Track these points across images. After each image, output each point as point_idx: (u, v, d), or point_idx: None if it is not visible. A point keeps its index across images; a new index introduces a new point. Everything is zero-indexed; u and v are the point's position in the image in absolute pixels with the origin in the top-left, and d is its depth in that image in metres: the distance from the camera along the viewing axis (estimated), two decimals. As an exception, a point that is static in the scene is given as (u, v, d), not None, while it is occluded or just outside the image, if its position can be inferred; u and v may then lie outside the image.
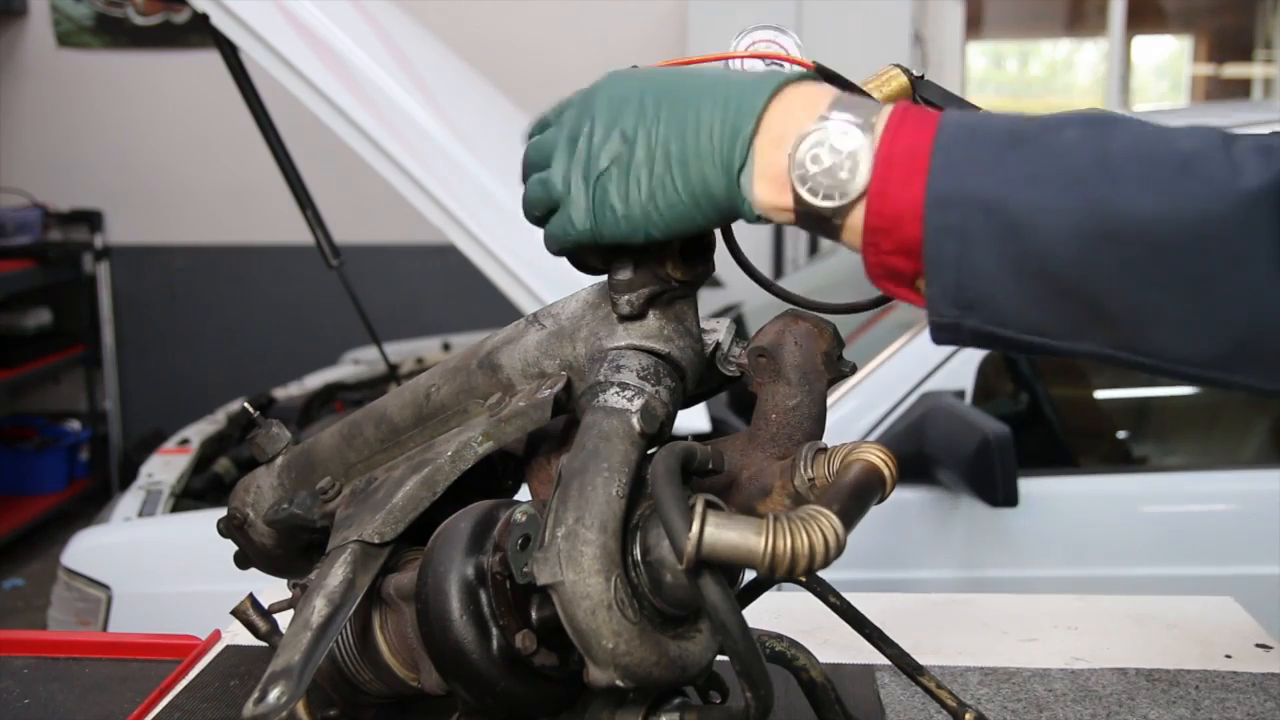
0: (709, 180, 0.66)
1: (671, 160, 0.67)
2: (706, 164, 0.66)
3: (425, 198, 2.17)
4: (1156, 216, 0.57)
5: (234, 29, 2.15)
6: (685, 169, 0.67)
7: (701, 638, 0.72)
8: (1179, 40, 6.39)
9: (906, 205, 0.61)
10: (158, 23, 4.95)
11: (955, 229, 0.60)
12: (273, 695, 0.71)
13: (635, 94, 0.71)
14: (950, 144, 0.61)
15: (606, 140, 0.70)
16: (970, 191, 0.59)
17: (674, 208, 0.69)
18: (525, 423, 0.80)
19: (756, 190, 0.66)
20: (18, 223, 4.75)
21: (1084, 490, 2.14)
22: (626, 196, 0.69)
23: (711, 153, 0.66)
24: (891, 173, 0.61)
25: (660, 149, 0.68)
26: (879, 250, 0.63)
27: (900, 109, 0.63)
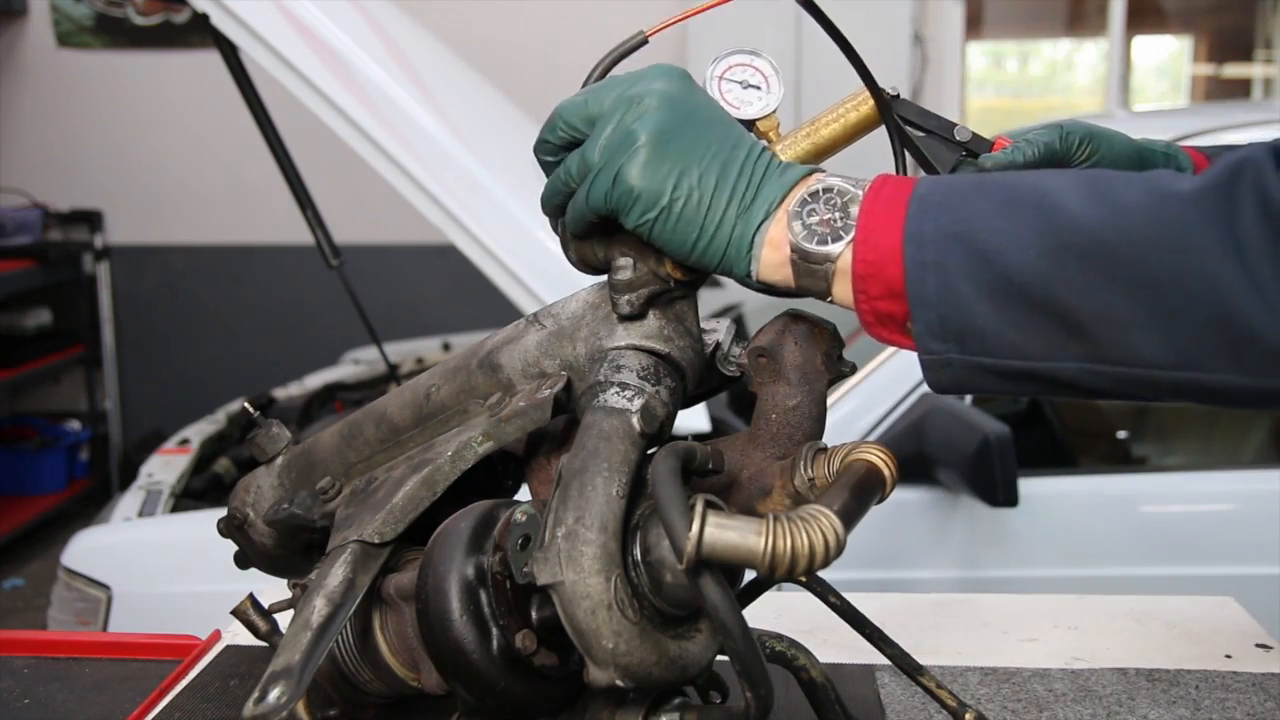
0: (719, 255, 0.72)
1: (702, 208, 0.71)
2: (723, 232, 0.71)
3: (425, 198, 2.17)
4: (1103, 223, 0.61)
5: (234, 29, 2.14)
6: (705, 222, 0.71)
7: (701, 638, 0.72)
8: (1179, 40, 6.39)
9: (888, 248, 0.66)
10: (158, 23, 4.95)
11: (932, 263, 0.64)
12: (273, 695, 0.71)
13: (684, 121, 0.73)
14: (925, 193, 0.66)
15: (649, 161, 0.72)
16: (942, 227, 0.64)
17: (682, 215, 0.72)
18: (525, 423, 0.80)
19: (769, 254, 0.70)
20: (18, 223, 4.75)
21: (1084, 490, 2.13)
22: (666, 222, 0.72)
23: (728, 235, 0.71)
24: (874, 221, 0.67)
25: (697, 199, 0.71)
26: (869, 296, 0.68)
27: (882, 176, 0.69)
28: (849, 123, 0.88)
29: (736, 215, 0.71)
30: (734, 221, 0.71)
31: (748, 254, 0.71)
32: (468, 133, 2.36)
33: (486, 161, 2.32)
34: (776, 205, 0.70)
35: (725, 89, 0.86)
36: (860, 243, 0.67)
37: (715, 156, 0.71)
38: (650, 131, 0.71)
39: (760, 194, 0.71)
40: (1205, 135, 2.14)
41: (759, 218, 0.70)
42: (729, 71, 0.87)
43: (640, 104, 0.73)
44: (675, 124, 0.72)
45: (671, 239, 0.71)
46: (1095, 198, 0.62)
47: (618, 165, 0.71)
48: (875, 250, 0.66)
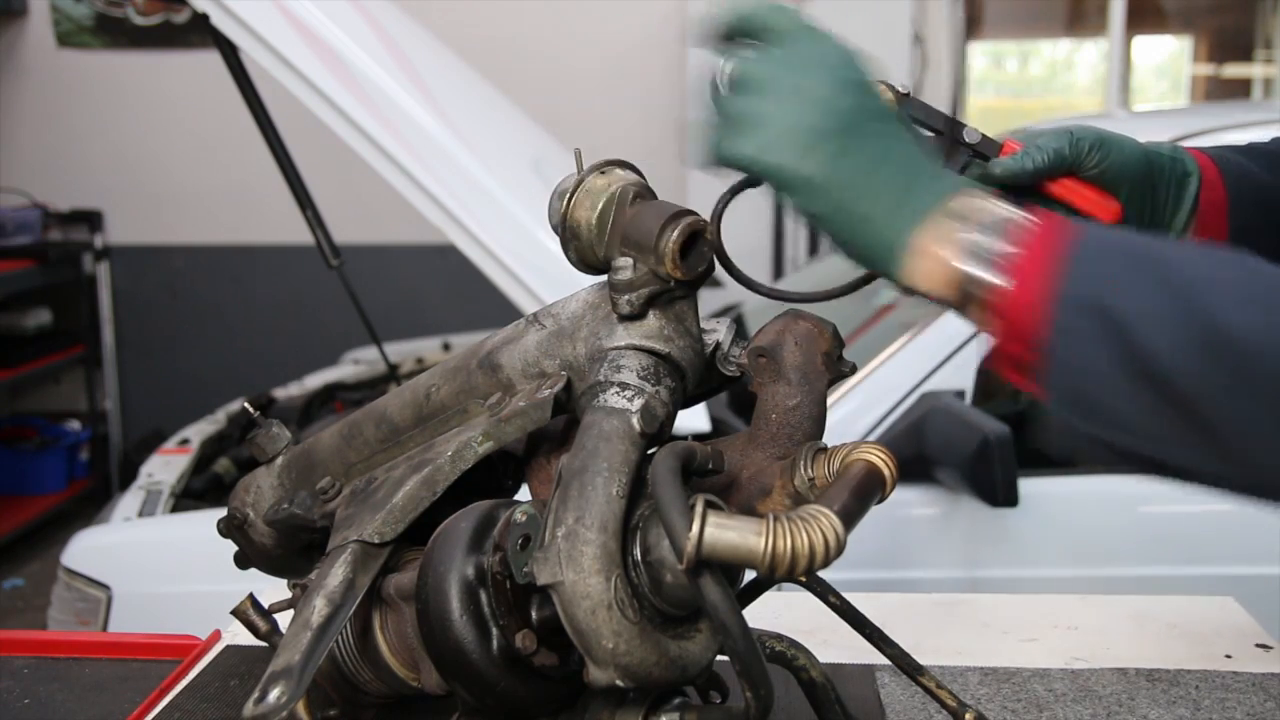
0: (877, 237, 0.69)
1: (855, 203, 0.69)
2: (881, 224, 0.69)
3: (425, 198, 2.17)
4: (1260, 334, 0.59)
5: (234, 29, 2.14)
6: (860, 218, 0.69)
7: (701, 638, 0.72)
8: (1179, 40, 6.39)
9: (1036, 300, 0.64)
10: (158, 23, 4.95)
11: (1076, 331, 0.63)
12: (273, 695, 0.71)
13: (851, 108, 0.71)
14: (1082, 253, 0.64)
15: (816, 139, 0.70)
16: (1094, 296, 0.63)
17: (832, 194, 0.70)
18: (525, 423, 0.80)
19: (918, 261, 0.68)
20: (18, 223, 4.75)
21: (1084, 490, 2.13)
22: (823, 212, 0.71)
23: (887, 223, 0.69)
24: (1027, 266, 0.65)
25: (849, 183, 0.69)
26: (1005, 337, 0.66)
27: (1043, 214, 0.67)
28: None
29: (889, 214, 0.69)
30: (886, 220, 0.69)
31: (897, 255, 0.69)
32: (468, 133, 2.36)
33: (486, 161, 2.32)
34: (931, 211, 0.68)
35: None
36: (1009, 284, 0.65)
37: (880, 151, 0.69)
38: (827, 114, 0.70)
39: (914, 197, 0.68)
40: (1205, 135, 2.14)
41: (914, 221, 0.68)
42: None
43: (820, 80, 0.72)
44: (849, 111, 0.70)
45: (829, 227, 0.70)
46: (1254, 301, 0.61)
47: (784, 141, 0.70)
48: (1022, 296, 0.65)
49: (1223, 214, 0.95)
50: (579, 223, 0.81)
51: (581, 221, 0.80)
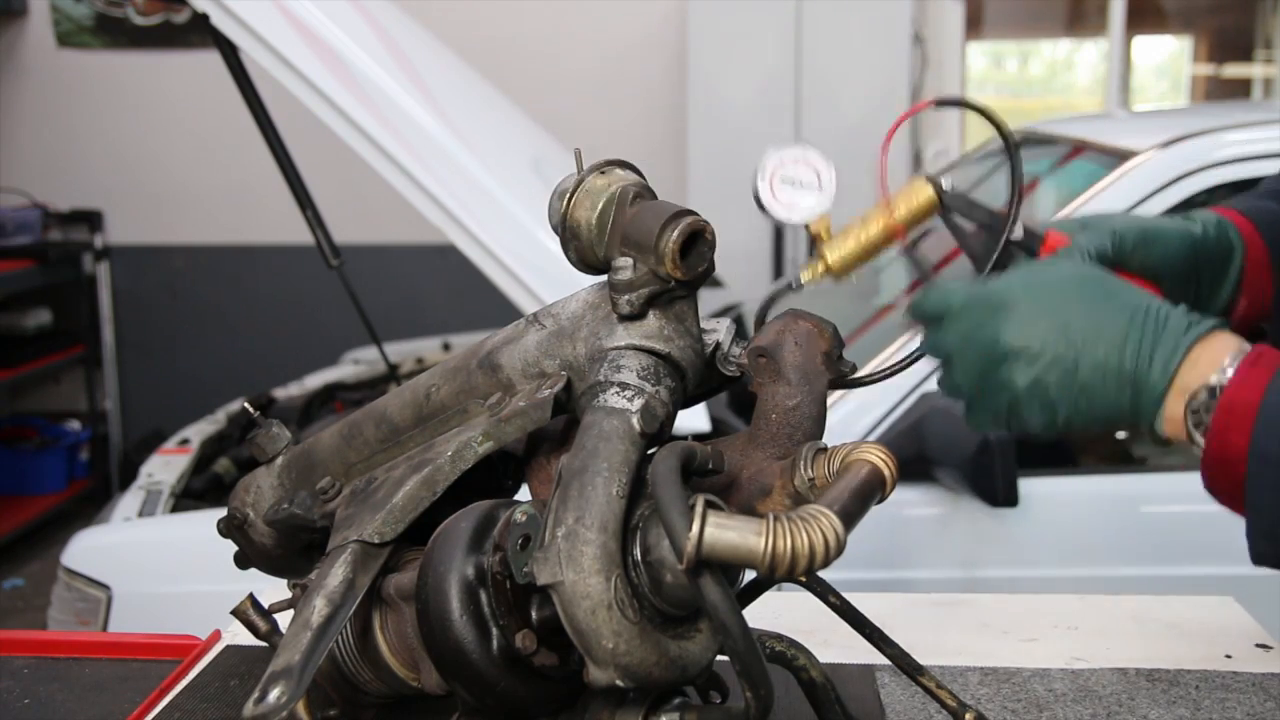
0: (1118, 417, 0.79)
1: (1086, 398, 0.78)
2: (1119, 410, 0.78)
3: (425, 198, 2.17)
4: None
5: (234, 29, 2.14)
6: (1092, 401, 0.78)
7: (701, 638, 0.72)
8: (1179, 40, 6.39)
9: (1235, 452, 0.73)
10: (158, 23, 4.95)
11: (1271, 483, 0.71)
12: (273, 695, 0.71)
13: (1048, 328, 0.78)
14: (1277, 404, 0.72)
15: (1016, 368, 0.79)
16: (1275, 451, 0.71)
17: (1079, 425, 0.80)
18: (525, 423, 0.80)
19: (1161, 424, 0.78)
20: (18, 223, 4.75)
21: (1084, 490, 2.13)
22: (1038, 417, 0.80)
23: (1123, 404, 0.78)
24: (1229, 420, 0.73)
25: (1073, 388, 0.78)
26: (1212, 477, 0.75)
27: (1248, 362, 0.74)
28: (904, 214, 0.89)
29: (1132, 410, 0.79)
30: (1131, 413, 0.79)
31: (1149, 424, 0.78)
32: (468, 133, 2.36)
33: (487, 161, 2.32)
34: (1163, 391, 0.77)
35: (778, 189, 0.88)
36: (1213, 436, 0.74)
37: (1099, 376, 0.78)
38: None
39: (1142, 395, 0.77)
40: (1205, 135, 2.14)
41: (1154, 405, 0.77)
42: (780, 169, 0.87)
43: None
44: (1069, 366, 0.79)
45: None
46: None
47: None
48: (1224, 449, 0.73)
49: (1266, 269, 0.97)
50: (579, 223, 0.81)
51: (581, 221, 0.80)
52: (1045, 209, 2.45)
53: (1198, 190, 2.09)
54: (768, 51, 4.28)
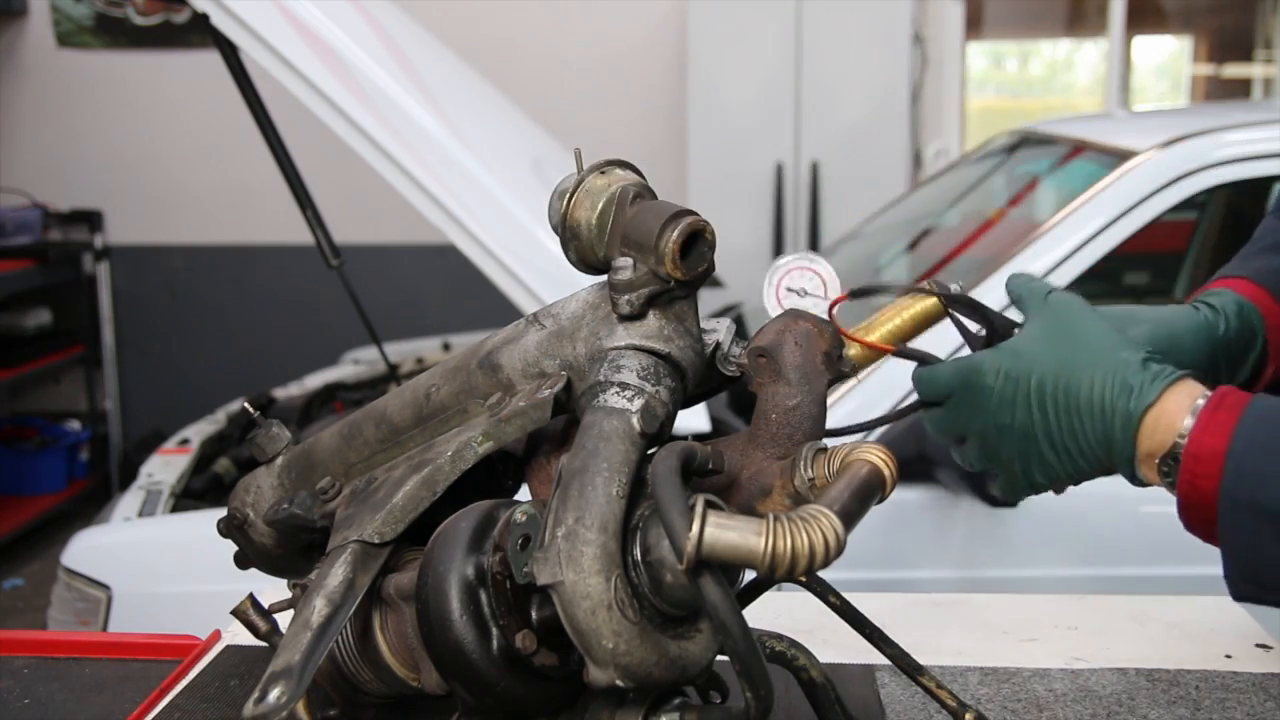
0: (1104, 465, 0.82)
1: (1072, 455, 0.82)
2: (1106, 467, 0.82)
3: (425, 198, 2.17)
4: None
5: (234, 29, 2.14)
6: (1080, 461, 0.82)
7: (701, 638, 0.72)
8: (1179, 40, 6.39)
9: (1206, 498, 0.74)
10: (158, 23, 4.95)
11: (1244, 527, 0.73)
12: (273, 695, 0.71)
13: (1025, 405, 0.82)
14: (1242, 451, 0.73)
15: (1005, 444, 0.84)
16: (1254, 500, 0.72)
17: (1087, 478, 0.84)
18: (525, 423, 0.80)
19: (1143, 476, 0.80)
20: (18, 223, 4.75)
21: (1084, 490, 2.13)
22: (1044, 482, 0.85)
23: (1105, 463, 0.81)
24: (1196, 468, 0.75)
25: (1061, 452, 0.82)
26: (1189, 519, 0.77)
27: (1210, 407, 0.76)
28: (907, 319, 0.90)
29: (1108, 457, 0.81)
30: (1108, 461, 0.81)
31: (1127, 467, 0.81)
32: (468, 133, 2.36)
33: (486, 161, 2.32)
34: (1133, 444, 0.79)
35: (784, 297, 0.90)
36: (1184, 483, 0.76)
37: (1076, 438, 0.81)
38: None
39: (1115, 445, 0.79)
40: (1205, 135, 2.14)
41: (1129, 455, 0.79)
42: (787, 278, 0.91)
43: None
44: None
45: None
46: None
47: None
48: (1197, 494, 0.75)
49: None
50: (579, 223, 0.81)
51: (581, 221, 0.80)
52: (1045, 209, 2.45)
53: (1198, 190, 2.09)
54: (768, 51, 4.28)
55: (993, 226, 2.64)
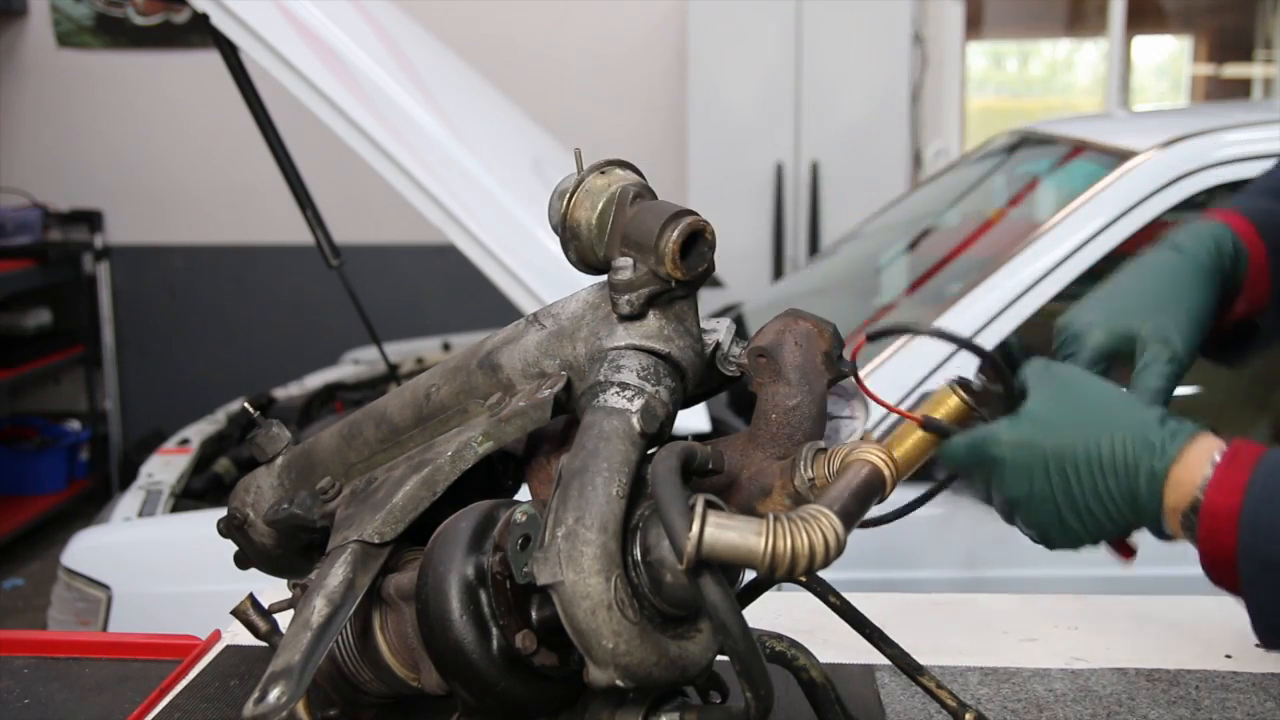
0: (1128, 523, 0.82)
1: (1095, 516, 0.82)
2: (1130, 527, 0.82)
3: (425, 198, 2.17)
4: None
5: (234, 29, 2.14)
6: (1106, 522, 0.82)
7: (701, 638, 0.72)
8: (1179, 40, 6.39)
9: (1226, 554, 0.76)
10: (158, 23, 4.95)
11: (1264, 581, 0.75)
12: (273, 695, 0.71)
13: (1043, 473, 0.83)
14: (1256, 508, 0.74)
15: (1024, 510, 0.86)
16: (1270, 556, 0.74)
17: (1095, 536, 0.84)
18: (525, 423, 0.80)
19: (1170, 531, 0.80)
20: (18, 223, 4.75)
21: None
22: (1068, 543, 0.86)
23: (1131, 522, 0.82)
24: (1215, 524, 0.76)
25: (1084, 514, 0.82)
26: (1213, 574, 0.78)
27: (1224, 464, 0.76)
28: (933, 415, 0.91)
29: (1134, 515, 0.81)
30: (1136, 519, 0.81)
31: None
32: (468, 133, 2.36)
33: (486, 161, 2.32)
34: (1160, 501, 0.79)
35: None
36: (1203, 539, 0.77)
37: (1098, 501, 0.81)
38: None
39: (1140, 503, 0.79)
40: (1205, 135, 2.14)
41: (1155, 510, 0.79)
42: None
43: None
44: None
45: None
46: None
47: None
48: (1217, 550, 0.76)
49: (1265, 272, 0.98)
50: (579, 223, 0.81)
51: (581, 221, 0.80)
52: (1045, 209, 2.45)
53: (1198, 190, 2.09)
54: (768, 51, 4.28)
55: (993, 226, 2.64)
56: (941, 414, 0.88)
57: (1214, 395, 2.59)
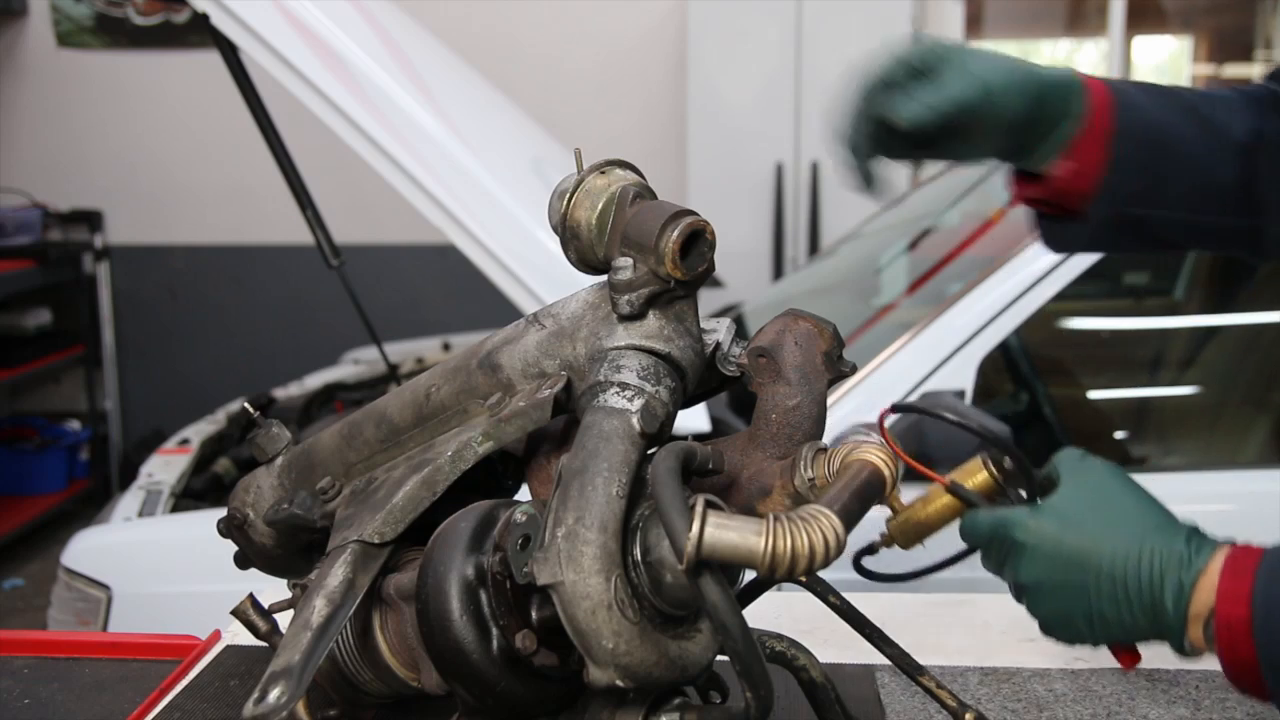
0: (1142, 632, 0.80)
1: (1109, 627, 0.80)
2: (1147, 635, 0.80)
3: (425, 198, 2.17)
4: None
5: (234, 29, 2.14)
6: (1122, 633, 0.80)
7: (701, 638, 0.72)
8: (1179, 40, 6.39)
9: (1248, 663, 0.74)
10: (158, 23, 4.95)
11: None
12: (273, 695, 0.71)
13: (1060, 565, 0.81)
14: (1263, 620, 0.73)
15: (1038, 599, 0.83)
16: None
17: (1100, 639, 0.82)
18: (525, 423, 0.80)
19: (1189, 648, 0.79)
20: (18, 223, 4.75)
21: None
22: (1078, 638, 0.83)
23: (1148, 632, 0.79)
24: (1232, 635, 0.74)
25: (1096, 619, 0.80)
26: (1238, 683, 0.76)
27: (1228, 575, 0.75)
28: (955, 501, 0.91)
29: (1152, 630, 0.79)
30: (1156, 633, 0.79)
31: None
32: (468, 133, 2.36)
33: (486, 161, 2.32)
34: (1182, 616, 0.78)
35: None
36: (1223, 650, 0.75)
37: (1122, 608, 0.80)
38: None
39: (1161, 618, 0.78)
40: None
41: (1179, 629, 0.78)
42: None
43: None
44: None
45: None
46: None
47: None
48: (1235, 662, 0.75)
49: (1101, 143, 0.93)
50: (579, 223, 0.81)
51: (581, 221, 0.80)
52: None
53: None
54: (768, 51, 4.28)
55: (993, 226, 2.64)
56: (970, 484, 0.89)
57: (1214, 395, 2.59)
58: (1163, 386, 2.72)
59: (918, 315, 2.22)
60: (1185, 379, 2.70)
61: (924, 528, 0.90)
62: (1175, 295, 2.93)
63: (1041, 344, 2.59)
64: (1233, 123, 0.97)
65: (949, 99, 0.89)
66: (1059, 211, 0.97)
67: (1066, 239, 1.00)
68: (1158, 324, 2.98)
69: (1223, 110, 0.98)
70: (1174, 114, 0.96)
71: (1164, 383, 2.75)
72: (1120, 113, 0.94)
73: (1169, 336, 2.85)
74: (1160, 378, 2.77)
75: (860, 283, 2.87)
